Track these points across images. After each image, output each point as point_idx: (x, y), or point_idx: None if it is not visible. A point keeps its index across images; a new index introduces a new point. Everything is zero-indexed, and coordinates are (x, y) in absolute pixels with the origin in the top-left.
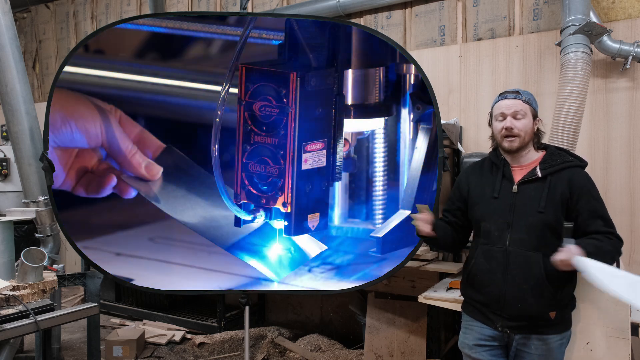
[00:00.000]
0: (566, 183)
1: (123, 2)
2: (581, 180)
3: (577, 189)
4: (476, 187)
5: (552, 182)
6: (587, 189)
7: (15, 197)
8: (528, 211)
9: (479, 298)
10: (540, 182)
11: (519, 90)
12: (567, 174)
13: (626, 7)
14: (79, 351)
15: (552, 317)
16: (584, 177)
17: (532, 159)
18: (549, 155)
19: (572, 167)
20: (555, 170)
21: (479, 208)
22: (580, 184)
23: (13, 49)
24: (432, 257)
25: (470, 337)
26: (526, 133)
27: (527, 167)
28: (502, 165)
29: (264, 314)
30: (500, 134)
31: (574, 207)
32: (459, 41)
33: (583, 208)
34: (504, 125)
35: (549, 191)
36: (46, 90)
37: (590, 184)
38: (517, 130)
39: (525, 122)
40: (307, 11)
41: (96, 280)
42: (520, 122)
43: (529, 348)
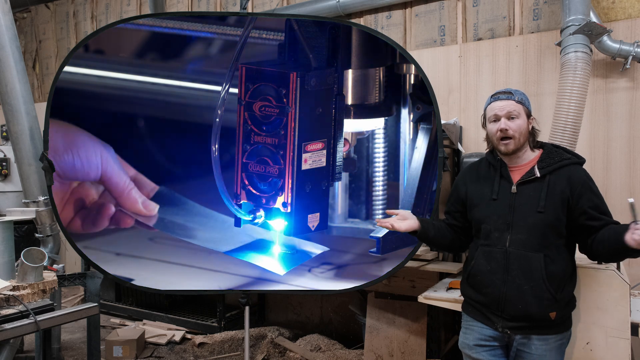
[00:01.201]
0: (566, 181)
1: (123, 2)
2: (581, 177)
3: (577, 186)
4: (474, 189)
5: (551, 181)
6: (587, 186)
7: (15, 197)
8: (528, 211)
9: (479, 298)
10: (539, 181)
11: (510, 91)
12: (566, 171)
13: (626, 7)
14: (79, 351)
15: (552, 317)
16: (583, 174)
17: (529, 159)
18: (546, 154)
19: (571, 164)
20: (554, 168)
21: (479, 210)
22: (581, 181)
23: (13, 49)
24: (432, 257)
25: (471, 337)
26: (521, 134)
27: (524, 167)
28: (500, 166)
29: (264, 314)
30: (495, 136)
31: (575, 205)
32: (459, 41)
33: (586, 206)
34: (498, 127)
35: (548, 190)
36: (46, 90)
37: (589, 180)
38: (512, 131)
39: (520, 123)
40: (307, 11)
41: (96, 280)
42: (515, 122)
43: (530, 348)
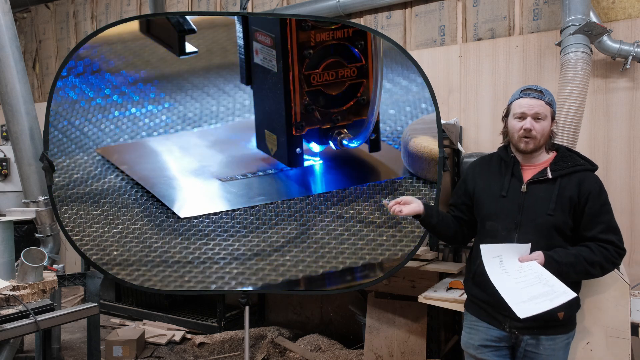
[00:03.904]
0: (576, 187)
1: (123, 2)
2: (591, 184)
3: (585, 192)
4: (483, 184)
5: (562, 184)
6: (595, 193)
7: (15, 197)
8: (537, 212)
9: (485, 298)
10: (550, 183)
11: (542, 90)
12: (578, 177)
13: (626, 7)
14: (79, 351)
15: (560, 317)
16: (594, 181)
17: (543, 160)
18: (560, 157)
19: (583, 170)
20: (566, 173)
21: (486, 206)
22: (590, 188)
23: (13, 49)
24: (432, 257)
25: (476, 337)
26: (542, 136)
27: (537, 167)
28: (512, 163)
29: (264, 314)
30: (518, 133)
31: (581, 211)
32: (459, 41)
33: (586, 212)
34: (523, 126)
35: (559, 194)
36: (46, 90)
37: (599, 188)
38: (536, 132)
39: (545, 125)
40: (307, 11)
41: (96, 280)
42: (540, 124)
43: (538, 349)
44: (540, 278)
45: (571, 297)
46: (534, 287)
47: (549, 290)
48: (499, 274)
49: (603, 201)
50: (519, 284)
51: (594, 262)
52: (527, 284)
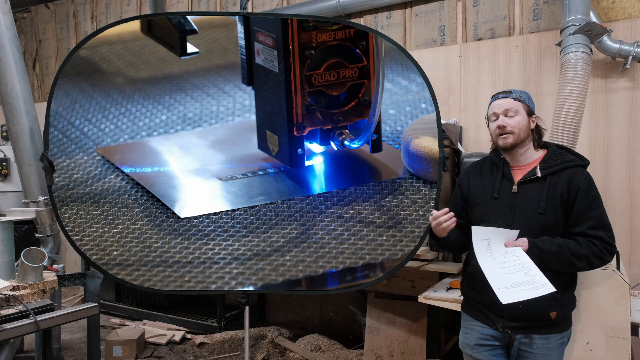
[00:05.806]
0: (566, 184)
1: (123, 2)
2: (580, 180)
3: (574, 188)
4: (476, 187)
5: (552, 182)
6: (584, 189)
7: (15, 197)
8: (528, 212)
9: (479, 298)
10: (540, 182)
11: (510, 90)
12: (568, 174)
13: (626, 7)
14: (79, 351)
15: (552, 317)
16: (584, 177)
17: (533, 159)
18: (549, 154)
19: (573, 167)
20: (556, 170)
21: (479, 209)
22: (579, 184)
23: (13, 49)
24: (432, 257)
25: (471, 337)
26: (520, 130)
27: (527, 166)
28: (502, 164)
29: (264, 314)
30: (494, 133)
31: (571, 207)
32: (459, 41)
33: (575, 208)
34: (497, 124)
35: (549, 192)
36: (46, 90)
37: (588, 183)
38: (510, 127)
39: (518, 119)
40: (307, 11)
41: (96, 280)
42: (513, 119)
43: (532, 347)
44: (522, 266)
45: (550, 291)
46: (517, 275)
47: (530, 279)
48: (486, 257)
49: (592, 197)
50: (503, 269)
51: (580, 255)
52: (510, 270)
